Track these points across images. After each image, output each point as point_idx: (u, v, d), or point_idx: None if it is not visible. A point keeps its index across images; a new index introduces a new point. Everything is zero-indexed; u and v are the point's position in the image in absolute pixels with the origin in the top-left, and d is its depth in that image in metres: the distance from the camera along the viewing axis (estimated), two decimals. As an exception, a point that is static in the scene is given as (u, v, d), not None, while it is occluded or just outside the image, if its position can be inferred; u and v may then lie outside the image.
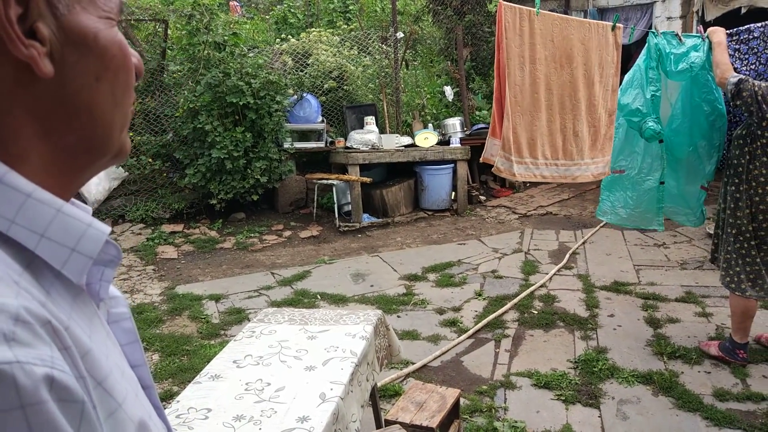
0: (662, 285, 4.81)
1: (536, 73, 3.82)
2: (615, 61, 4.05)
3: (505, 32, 3.65)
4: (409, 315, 4.46)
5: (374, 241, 6.42)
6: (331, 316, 2.87)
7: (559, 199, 7.86)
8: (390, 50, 7.84)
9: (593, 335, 4.03)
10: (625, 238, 6.10)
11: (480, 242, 6.19)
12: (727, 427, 2.98)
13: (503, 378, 3.54)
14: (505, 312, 4.42)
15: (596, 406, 3.22)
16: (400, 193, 7.18)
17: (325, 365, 2.37)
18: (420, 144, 7.30)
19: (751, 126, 3.25)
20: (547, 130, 3.96)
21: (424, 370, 3.70)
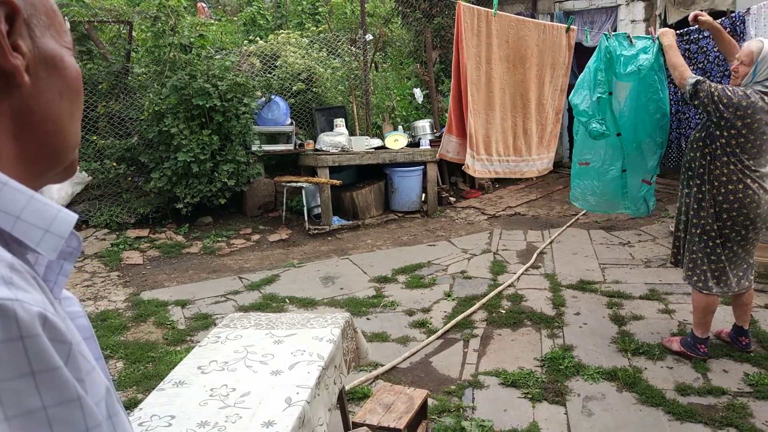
0: (627, 283, 4.89)
1: (491, 73, 3.88)
2: (566, 63, 4.15)
3: (463, 32, 3.70)
4: (378, 317, 4.46)
5: (344, 243, 6.40)
6: (299, 319, 2.85)
7: (527, 199, 7.95)
8: (359, 52, 7.84)
9: (560, 333, 4.08)
10: (591, 238, 6.19)
11: (450, 243, 6.22)
12: (689, 421, 3.04)
13: (471, 378, 3.56)
14: (474, 312, 4.45)
15: (562, 403, 3.26)
16: (370, 195, 7.18)
17: (292, 369, 2.36)
18: (390, 146, 7.31)
19: (709, 127, 3.32)
20: (500, 128, 4.04)
21: (394, 371, 3.69)
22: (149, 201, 6.79)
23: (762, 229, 3.38)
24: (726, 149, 3.26)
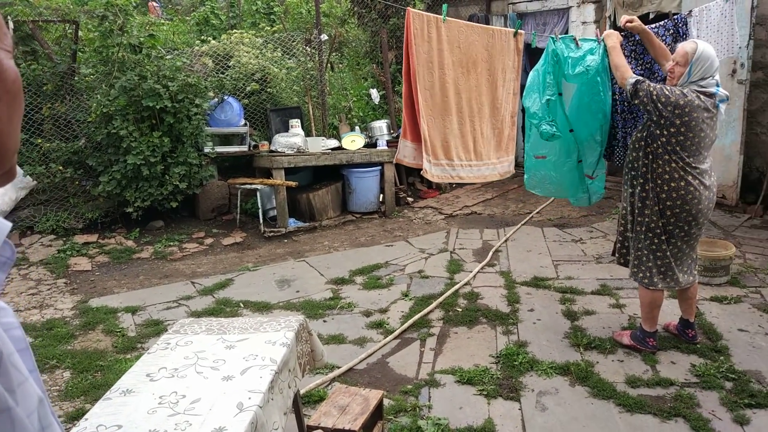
0: (579, 279, 4.99)
1: (445, 78, 3.91)
2: (516, 66, 4.21)
3: (413, 38, 3.72)
4: (335, 319, 4.42)
5: (301, 245, 6.34)
6: (251, 324, 2.80)
7: (483, 198, 8.03)
8: (315, 52, 7.78)
9: (514, 330, 4.12)
10: (545, 235, 6.29)
11: (407, 243, 6.23)
12: (639, 412, 3.11)
13: (428, 376, 3.57)
14: (431, 311, 4.46)
15: (517, 399, 3.29)
16: (327, 196, 7.13)
17: (244, 374, 2.31)
18: (347, 147, 7.28)
19: (650, 127, 3.40)
20: (459, 132, 4.06)
21: (350, 373, 3.67)
22: (98, 205, 6.59)
23: (704, 224, 3.49)
24: (667, 147, 3.34)
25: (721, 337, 3.85)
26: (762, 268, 5.03)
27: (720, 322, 4.07)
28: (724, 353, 3.65)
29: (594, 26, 8.37)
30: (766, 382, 3.32)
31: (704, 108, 3.27)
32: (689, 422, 2.99)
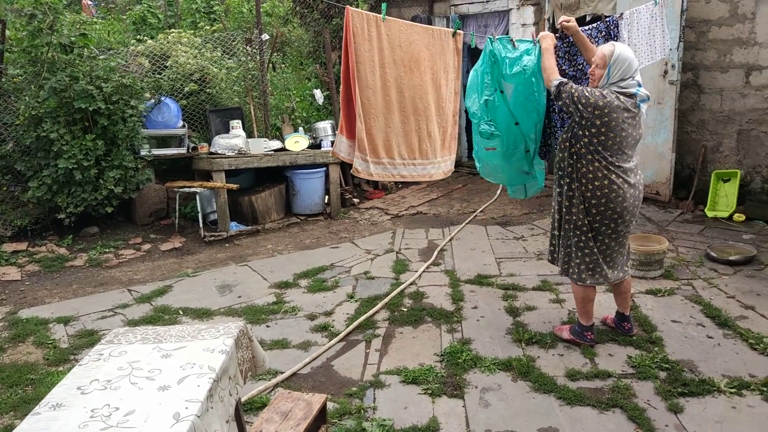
0: (521, 275, 5.07)
1: (387, 77, 3.89)
2: (456, 66, 4.25)
3: (353, 37, 3.69)
4: (279, 323, 4.35)
5: (243, 249, 6.21)
6: (189, 332, 2.71)
7: (428, 198, 8.08)
8: (256, 52, 7.65)
9: (458, 328, 4.15)
10: (488, 233, 6.38)
11: (353, 244, 6.20)
12: (578, 404, 3.17)
13: (373, 378, 3.55)
14: (377, 312, 4.44)
15: (461, 396, 3.31)
16: (270, 198, 7.01)
17: (181, 384, 2.23)
18: (290, 148, 7.19)
19: (574, 128, 3.49)
20: (402, 131, 4.06)
21: (294, 378, 3.61)
22: (27, 212, 6.28)
23: (631, 221, 3.59)
24: (589, 147, 3.43)
25: (655, 328, 3.98)
26: (693, 261, 5.23)
27: (654, 314, 4.21)
28: (659, 344, 3.77)
29: (533, 28, 8.55)
30: (698, 371, 3.45)
31: (624, 108, 3.35)
32: (626, 412, 3.07)
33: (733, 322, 4.03)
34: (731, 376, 3.38)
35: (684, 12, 6.46)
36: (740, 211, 6.55)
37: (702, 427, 2.94)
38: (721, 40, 6.79)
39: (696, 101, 7.12)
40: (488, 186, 8.55)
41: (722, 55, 6.81)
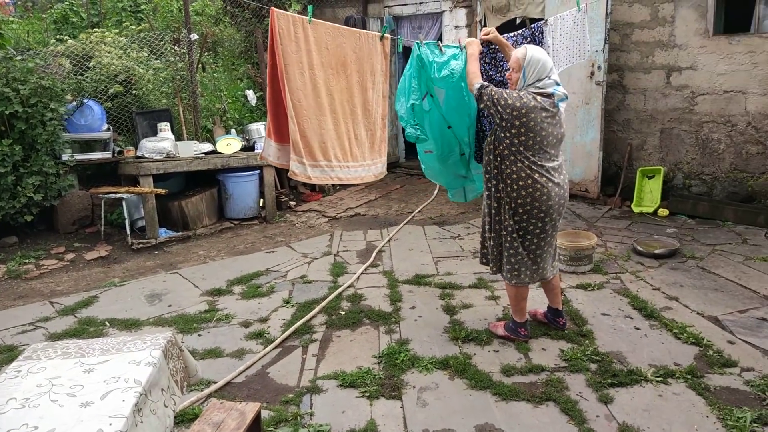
0: (457, 274, 5.11)
1: (316, 79, 3.85)
2: (384, 69, 4.26)
3: (280, 39, 3.62)
4: (211, 332, 4.21)
5: (173, 257, 6.00)
6: (113, 344, 2.57)
7: (366, 200, 8.06)
8: (184, 52, 7.42)
9: (396, 329, 4.13)
10: (426, 233, 6.41)
11: (290, 248, 6.09)
12: (513, 399, 3.21)
13: (310, 383, 3.48)
14: (314, 317, 4.37)
15: (398, 397, 3.29)
16: (201, 203, 6.81)
17: (104, 399, 2.11)
18: (222, 150, 7.00)
19: (497, 131, 3.54)
20: (335, 134, 4.02)
21: (228, 387, 3.50)
22: (-64, 222, 5.86)
23: (558, 219, 3.65)
24: (511, 148, 3.48)
25: (586, 322, 4.09)
26: (621, 256, 5.42)
27: (585, 307, 4.33)
28: (589, 337, 3.87)
29: (466, 30, 8.68)
30: (627, 362, 3.56)
31: (542, 108, 3.41)
32: (559, 405, 3.13)
33: (658, 313, 4.18)
34: (657, 365, 3.50)
35: (608, 15, 6.70)
36: (664, 206, 6.85)
37: (631, 416, 3.03)
38: (643, 42, 7.08)
39: (621, 101, 7.40)
40: (426, 186, 8.62)
41: (645, 57, 7.10)
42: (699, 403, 3.11)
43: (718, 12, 6.53)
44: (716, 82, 6.57)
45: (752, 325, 3.96)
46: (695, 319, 4.08)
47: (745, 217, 6.24)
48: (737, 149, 6.55)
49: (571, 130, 7.20)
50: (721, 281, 4.74)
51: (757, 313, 4.14)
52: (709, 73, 6.60)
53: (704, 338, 3.78)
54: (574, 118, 7.09)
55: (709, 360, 3.52)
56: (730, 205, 6.45)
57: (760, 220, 6.13)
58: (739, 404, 3.08)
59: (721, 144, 6.66)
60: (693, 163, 6.94)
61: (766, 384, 3.22)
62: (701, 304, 4.33)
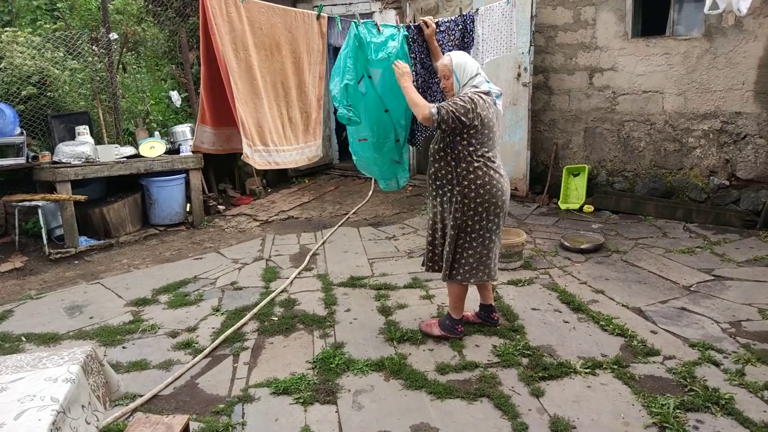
0: (393, 275, 5.10)
1: (250, 60, 3.74)
2: (321, 49, 4.17)
3: (213, 18, 3.49)
4: (137, 344, 4.02)
5: (95, 266, 5.70)
6: (28, 361, 2.41)
7: (300, 202, 7.95)
8: (104, 52, 7.08)
9: (331, 332, 4.07)
10: (361, 234, 6.37)
11: (219, 254, 5.91)
12: (448, 397, 3.21)
13: (241, 392, 3.37)
14: (245, 324, 4.24)
15: (333, 402, 3.23)
16: (124, 209, 6.51)
17: (18, 419, 1.97)
18: (146, 154, 6.72)
19: (445, 138, 3.56)
20: (270, 117, 3.92)
21: (155, 400, 3.34)
22: None
23: (506, 212, 3.74)
24: (469, 149, 3.50)
25: (517, 317, 4.15)
26: (549, 251, 5.56)
27: (516, 303, 4.40)
28: (521, 332, 3.93)
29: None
30: (557, 355, 3.63)
31: (488, 105, 3.51)
32: (493, 400, 3.15)
33: (585, 306, 4.30)
34: (586, 357, 3.59)
35: (534, 18, 6.87)
36: (589, 202, 7.09)
37: (561, 408, 3.08)
38: (567, 44, 7.31)
39: (547, 102, 7.61)
40: (360, 188, 8.60)
41: (569, 59, 7.33)
42: (625, 392, 3.20)
43: (636, 15, 6.83)
44: (636, 82, 6.86)
45: (673, 315, 4.13)
46: (620, 311, 4.22)
47: (665, 212, 6.54)
48: (656, 147, 6.86)
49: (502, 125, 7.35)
50: (644, 273, 4.93)
51: (677, 303, 4.32)
52: (629, 74, 6.89)
53: (629, 329, 3.91)
54: (502, 118, 7.24)
55: (634, 350, 3.64)
56: (651, 200, 6.74)
57: (678, 214, 6.44)
58: (663, 391, 3.19)
59: (641, 142, 6.96)
60: (615, 161, 7.22)
61: (687, 371, 3.36)
62: (626, 296, 4.49)
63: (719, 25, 6.15)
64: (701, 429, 2.87)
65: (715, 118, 6.38)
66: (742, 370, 3.37)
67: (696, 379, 3.28)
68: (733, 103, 6.24)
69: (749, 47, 6.02)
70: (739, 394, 3.13)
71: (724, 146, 6.38)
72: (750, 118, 6.16)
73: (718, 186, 6.47)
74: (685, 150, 6.65)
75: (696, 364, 3.45)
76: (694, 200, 6.63)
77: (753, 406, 3.03)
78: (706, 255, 5.31)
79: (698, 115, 6.49)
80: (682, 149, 6.67)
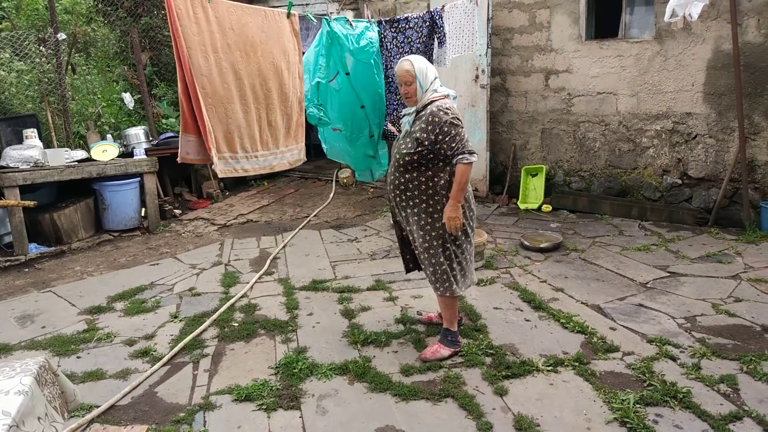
0: (356, 277, 5.06)
1: (222, 63, 3.64)
2: (296, 48, 4.09)
3: (178, 19, 3.39)
4: (92, 353, 3.88)
5: (46, 274, 5.49)
6: (-24, 374, 2.31)
7: (259, 205, 7.84)
8: (52, 53, 6.84)
9: (293, 337, 4.01)
10: (322, 237, 6.32)
11: (176, 260, 5.77)
12: (413, 399, 3.19)
13: (202, 400, 3.29)
14: (204, 330, 4.15)
15: (297, 407, 3.18)
16: (76, 215, 6.29)
17: (-32, 434, 1.89)
18: (98, 157, 6.52)
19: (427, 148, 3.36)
20: (244, 122, 3.81)
21: (113, 411, 3.23)
22: None
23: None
24: (447, 153, 3.35)
25: (480, 316, 4.18)
26: (510, 251, 5.62)
27: (478, 303, 4.42)
28: (483, 331, 3.95)
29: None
30: (519, 353, 3.66)
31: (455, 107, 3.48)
32: (457, 401, 3.15)
33: (546, 304, 4.36)
34: (547, 354, 3.63)
35: (490, 20, 6.95)
36: (547, 202, 7.21)
37: (525, 406, 3.11)
38: (523, 46, 7.42)
39: (505, 103, 7.70)
40: (321, 190, 8.53)
41: (525, 61, 7.44)
42: (587, 389, 3.25)
43: (590, 18, 6.98)
44: (590, 84, 7.00)
45: (631, 312, 4.22)
46: (580, 309, 4.29)
47: (621, 210, 6.70)
48: (611, 147, 7.02)
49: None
50: (602, 271, 5.03)
51: (635, 300, 4.42)
52: (583, 76, 7.03)
53: (589, 326, 3.97)
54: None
55: (594, 347, 3.70)
56: (607, 199, 6.89)
57: (634, 213, 6.61)
58: (623, 387, 3.25)
59: (597, 142, 7.11)
60: (572, 161, 7.36)
61: (645, 366, 3.43)
62: (585, 293, 4.57)
63: (669, 29, 6.33)
64: (660, 423, 2.93)
65: (667, 119, 6.57)
66: (698, 364, 3.47)
67: (654, 374, 3.36)
68: (684, 104, 6.43)
69: (698, 50, 6.23)
70: (696, 388, 3.21)
71: (676, 146, 6.57)
72: (700, 118, 6.36)
73: (671, 185, 6.67)
74: (638, 150, 6.83)
75: (654, 360, 3.53)
76: (649, 199, 6.81)
77: (710, 399, 3.11)
78: (661, 252, 5.46)
79: (651, 116, 6.67)
80: (636, 149, 6.85)
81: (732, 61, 5.91)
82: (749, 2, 5.86)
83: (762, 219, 5.91)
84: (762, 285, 4.60)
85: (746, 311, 4.15)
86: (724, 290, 4.53)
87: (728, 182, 6.17)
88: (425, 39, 4.56)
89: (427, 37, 4.57)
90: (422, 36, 4.54)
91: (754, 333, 3.84)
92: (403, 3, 7.84)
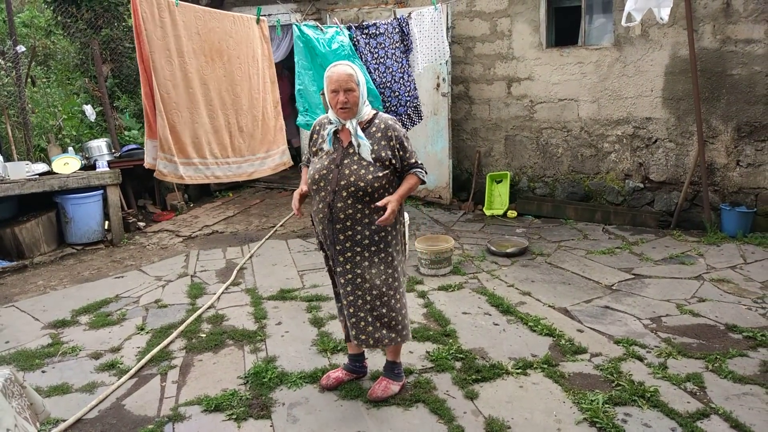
0: (324, 285, 5.05)
1: (187, 68, 3.61)
2: (267, 53, 4.08)
3: (143, 23, 3.37)
4: (57, 367, 3.79)
5: (8, 289, 5.34)
6: (-59, 389, 2.26)
7: (224, 216, 7.76)
8: (11, 66, 6.69)
9: (262, 347, 3.98)
10: (290, 247, 6.29)
11: (141, 272, 5.67)
12: (384, 405, 3.19)
13: (171, 412, 3.24)
14: (171, 342, 4.09)
15: (268, 416, 3.15)
16: (38, 228, 6.14)
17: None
18: (59, 170, 6.38)
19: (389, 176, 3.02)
20: (211, 128, 3.78)
21: (80, 425, 3.17)
22: None
23: None
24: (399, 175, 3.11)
25: (449, 321, 4.21)
26: (477, 256, 5.68)
27: (447, 308, 4.46)
28: (453, 336, 3.99)
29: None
30: (489, 357, 3.70)
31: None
32: (428, 405, 3.17)
33: (514, 308, 4.42)
34: (516, 358, 3.68)
35: (450, 29, 7.05)
36: (513, 208, 7.32)
37: (495, 409, 3.14)
38: (485, 55, 7.54)
39: (468, 111, 7.81)
40: (287, 200, 8.48)
41: (487, 69, 7.56)
42: (556, 391, 3.30)
43: (549, 26, 7.14)
44: (552, 91, 7.16)
45: (597, 314, 4.31)
46: (547, 312, 4.37)
47: (584, 215, 6.84)
48: (573, 152, 7.18)
49: (423, 140, 7.48)
50: (568, 275, 5.13)
51: (601, 302, 4.52)
52: (545, 83, 7.18)
53: (556, 329, 4.04)
54: (424, 128, 7.37)
55: (562, 349, 3.77)
56: (571, 204, 7.04)
57: (597, 217, 6.76)
58: (592, 388, 3.31)
59: (559, 148, 7.26)
60: (536, 167, 7.49)
61: (613, 367, 3.51)
62: (552, 297, 4.64)
63: (627, 35, 6.52)
64: (630, 422, 2.99)
65: (628, 124, 6.75)
66: (665, 363, 3.56)
67: (622, 374, 3.43)
68: (644, 109, 6.62)
69: (656, 56, 6.43)
70: (663, 387, 3.29)
71: (637, 150, 6.76)
72: (659, 123, 6.56)
73: (633, 189, 6.84)
74: (600, 155, 7.00)
75: (621, 360, 3.61)
76: (612, 203, 6.97)
77: (677, 398, 3.19)
78: (625, 255, 5.59)
79: (612, 121, 6.84)
80: (598, 154, 7.01)
81: (689, 66, 6.12)
82: (704, 9, 6.08)
83: (723, 221, 6.11)
84: (724, 285, 4.75)
85: (710, 311, 4.28)
86: (687, 291, 4.66)
87: (689, 185, 6.36)
88: (398, 45, 4.59)
89: (400, 43, 4.60)
90: (395, 42, 4.58)
91: (718, 332, 3.96)
92: (366, 13, 7.90)
